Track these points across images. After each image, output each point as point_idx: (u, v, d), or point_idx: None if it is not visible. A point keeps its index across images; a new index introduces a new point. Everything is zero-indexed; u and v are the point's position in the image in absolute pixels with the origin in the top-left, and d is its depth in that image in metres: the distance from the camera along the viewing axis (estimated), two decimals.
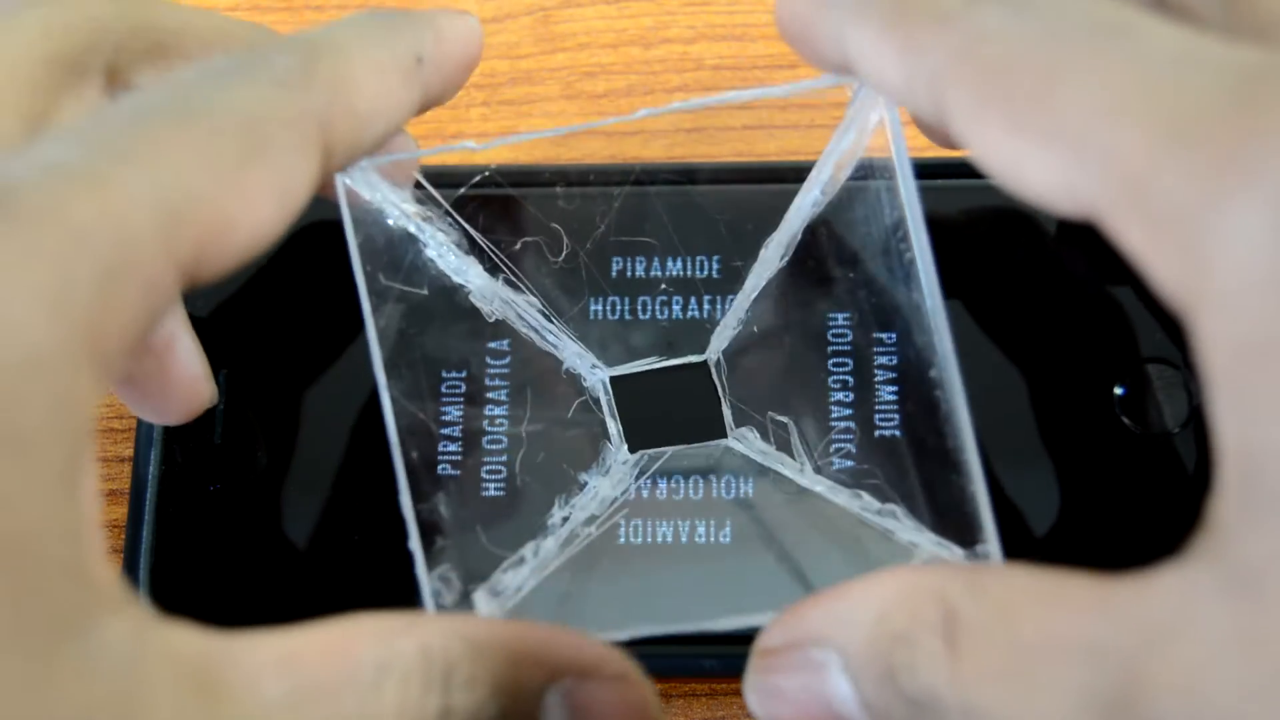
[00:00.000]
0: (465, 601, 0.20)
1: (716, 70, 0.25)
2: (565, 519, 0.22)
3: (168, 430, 0.22)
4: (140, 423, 0.22)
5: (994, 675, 0.14)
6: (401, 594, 0.18)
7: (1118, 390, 0.22)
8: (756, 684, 0.17)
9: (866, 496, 0.22)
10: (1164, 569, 0.14)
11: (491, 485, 0.22)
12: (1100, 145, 0.14)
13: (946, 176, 0.23)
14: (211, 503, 0.22)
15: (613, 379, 0.23)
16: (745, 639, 0.18)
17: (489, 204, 0.22)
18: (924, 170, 0.19)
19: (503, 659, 0.15)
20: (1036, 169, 0.15)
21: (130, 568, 0.22)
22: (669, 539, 0.22)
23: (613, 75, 0.25)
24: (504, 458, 0.22)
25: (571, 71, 0.25)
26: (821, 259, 0.22)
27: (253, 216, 0.15)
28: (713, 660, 0.21)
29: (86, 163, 0.14)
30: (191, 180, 0.15)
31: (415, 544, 0.18)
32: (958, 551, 0.20)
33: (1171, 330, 0.23)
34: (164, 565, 0.22)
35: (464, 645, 0.15)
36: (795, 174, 0.21)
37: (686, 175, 0.23)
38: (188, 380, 0.20)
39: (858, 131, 0.20)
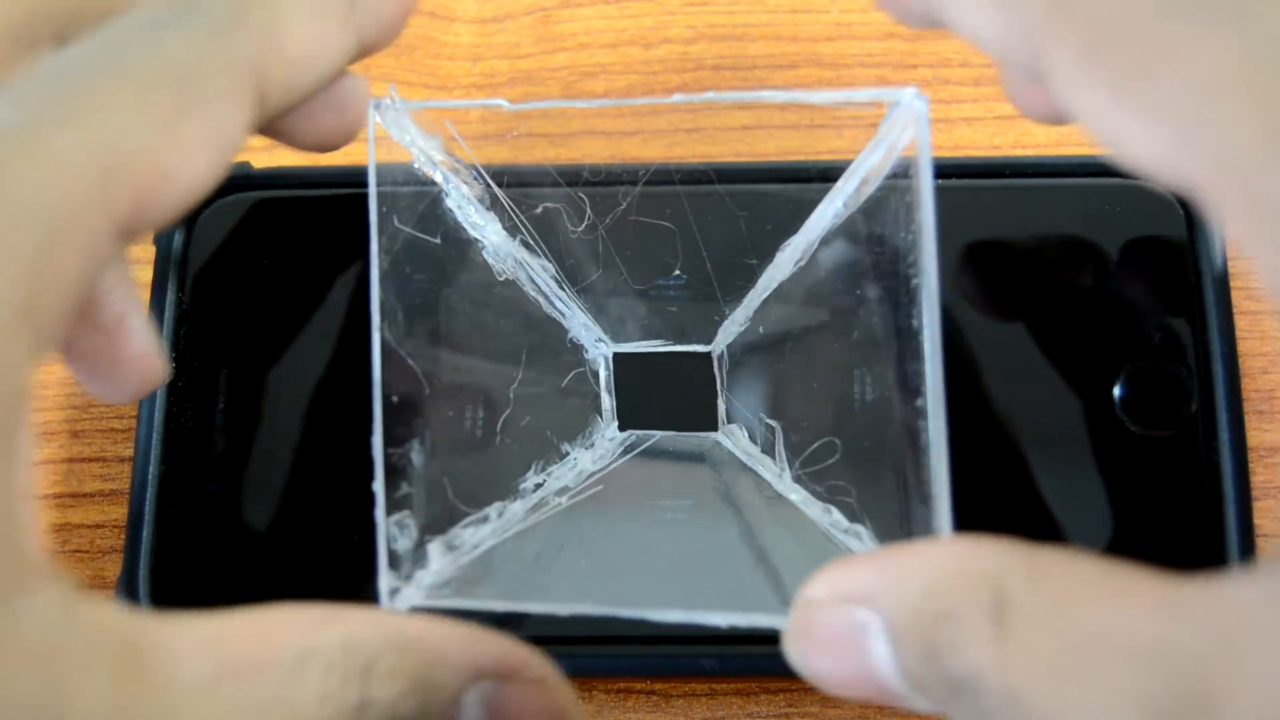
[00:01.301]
0: (420, 550, 0.20)
1: (716, 70, 0.25)
2: (539, 485, 0.21)
3: (167, 430, 0.22)
4: (140, 423, 0.22)
5: (1044, 665, 0.13)
6: None
7: (1117, 390, 0.22)
8: (797, 635, 0.16)
9: (836, 513, 0.21)
10: (1241, 575, 0.13)
11: (470, 441, 0.21)
12: (1207, 126, 0.13)
13: (950, 176, 0.23)
14: (211, 502, 0.22)
15: (615, 355, 0.22)
16: (745, 639, 0.18)
17: (515, 166, 0.22)
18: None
19: (424, 656, 0.15)
20: (1140, 140, 0.14)
21: (130, 568, 0.21)
22: (641, 523, 0.22)
23: (613, 75, 0.25)
24: (489, 415, 0.22)
25: (571, 71, 0.25)
26: (833, 271, 0.21)
27: (189, 168, 0.15)
28: (712, 660, 0.21)
29: (24, 123, 0.14)
30: (128, 136, 0.14)
31: (379, 485, 0.18)
32: None
33: (1171, 330, 0.22)
34: (164, 565, 0.22)
35: (386, 640, 0.15)
36: (822, 175, 0.21)
37: (709, 172, 0.23)
38: (139, 357, 0.19)
39: (887, 149, 0.20)
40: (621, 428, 0.22)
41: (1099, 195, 0.23)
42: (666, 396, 0.23)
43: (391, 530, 0.19)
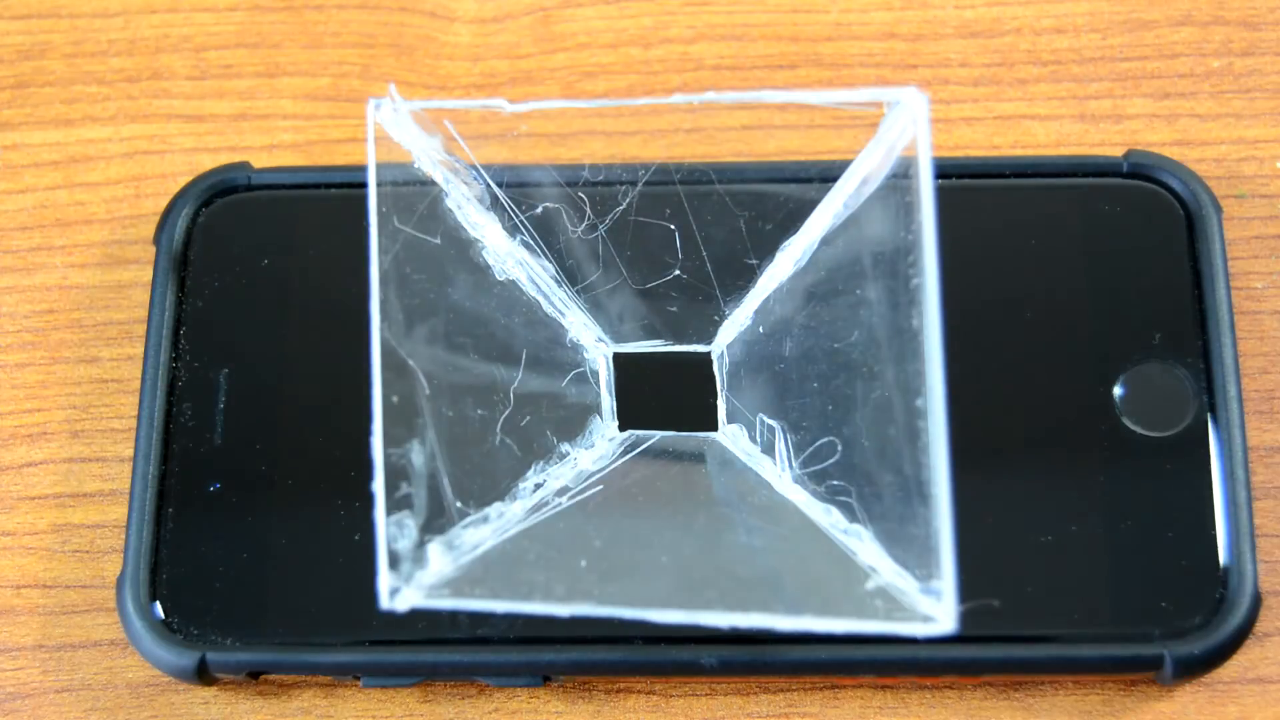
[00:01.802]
0: (420, 550, 0.19)
1: (716, 70, 0.25)
2: (538, 486, 0.21)
3: (167, 430, 0.22)
4: (140, 423, 0.22)
5: None
6: None
7: (1117, 391, 0.21)
8: None
9: (836, 513, 0.21)
10: None
11: (470, 441, 0.21)
12: None
13: (950, 176, 0.23)
14: (211, 502, 0.22)
15: (615, 355, 0.22)
16: (745, 639, 0.18)
17: (515, 166, 0.22)
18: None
19: None
20: None
21: (130, 568, 0.21)
22: (641, 523, 0.21)
23: (613, 75, 0.25)
24: (489, 415, 0.21)
25: (571, 71, 0.25)
26: (834, 271, 0.21)
27: None
28: (712, 660, 0.20)
29: None
30: None
31: (378, 485, 0.18)
32: (914, 583, 0.19)
33: (1171, 331, 0.22)
34: (163, 565, 0.21)
35: None
36: (822, 175, 0.20)
37: (709, 172, 0.22)
38: None
39: (888, 149, 0.19)
40: (621, 428, 0.22)
41: (1099, 195, 0.23)
42: (666, 396, 0.22)
43: (391, 530, 0.19)
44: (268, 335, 0.22)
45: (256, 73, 0.25)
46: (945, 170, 0.22)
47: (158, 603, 0.21)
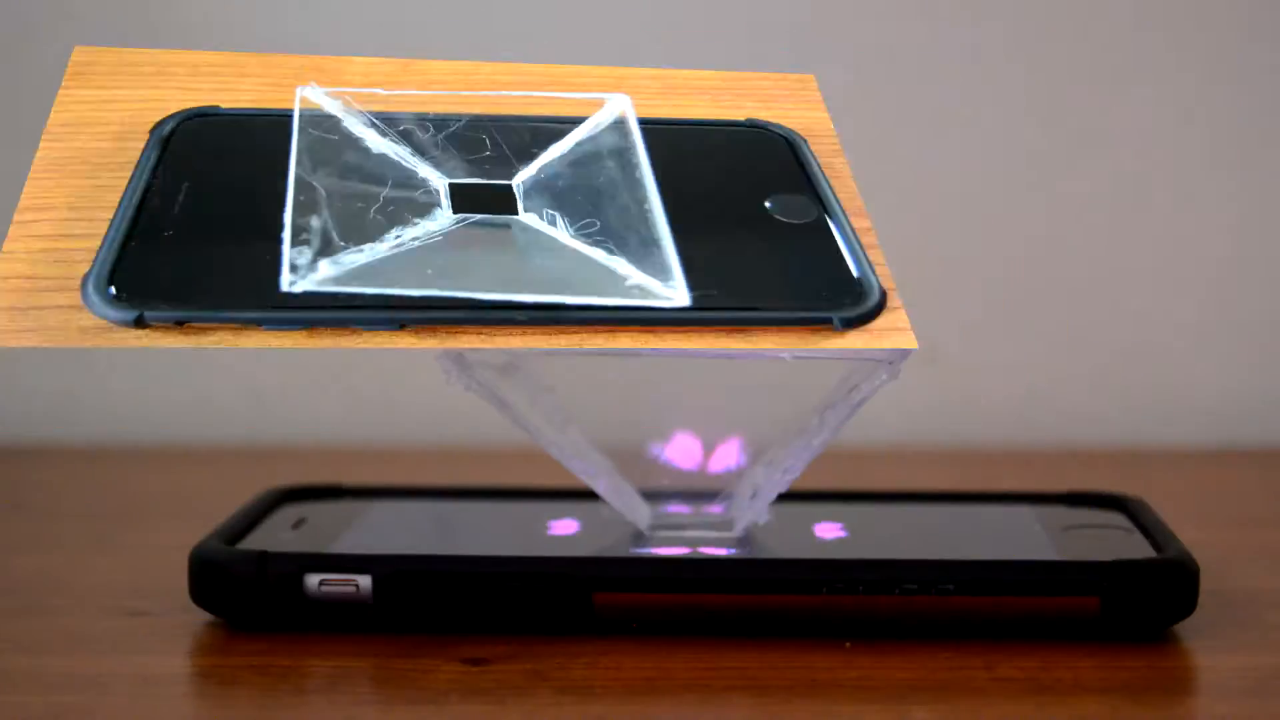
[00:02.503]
0: (314, 264, 0.28)
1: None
2: (398, 237, 0.30)
3: (142, 203, 0.31)
4: (125, 195, 0.31)
5: None
6: None
7: (768, 204, 0.33)
8: None
9: (602, 251, 0.31)
10: None
11: (353, 216, 0.31)
12: None
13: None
14: (166, 241, 0.30)
15: (449, 184, 0.33)
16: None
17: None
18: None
19: None
20: None
21: (96, 266, 0.28)
22: (471, 252, 0.31)
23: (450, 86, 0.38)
24: (366, 206, 0.31)
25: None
26: (586, 155, 0.34)
27: None
28: (523, 316, 0.29)
29: None
30: None
31: (287, 218, 0.28)
32: (658, 283, 0.30)
33: (794, 175, 0.34)
34: (121, 268, 0.28)
35: None
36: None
37: (508, 119, 0.36)
38: None
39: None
40: (454, 211, 0.32)
41: (738, 132, 0.37)
42: (483, 202, 0.33)
43: (293, 254, 0.28)
44: (224, 170, 0.32)
45: (232, 75, 0.38)
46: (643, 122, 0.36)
47: (113, 287, 0.28)
